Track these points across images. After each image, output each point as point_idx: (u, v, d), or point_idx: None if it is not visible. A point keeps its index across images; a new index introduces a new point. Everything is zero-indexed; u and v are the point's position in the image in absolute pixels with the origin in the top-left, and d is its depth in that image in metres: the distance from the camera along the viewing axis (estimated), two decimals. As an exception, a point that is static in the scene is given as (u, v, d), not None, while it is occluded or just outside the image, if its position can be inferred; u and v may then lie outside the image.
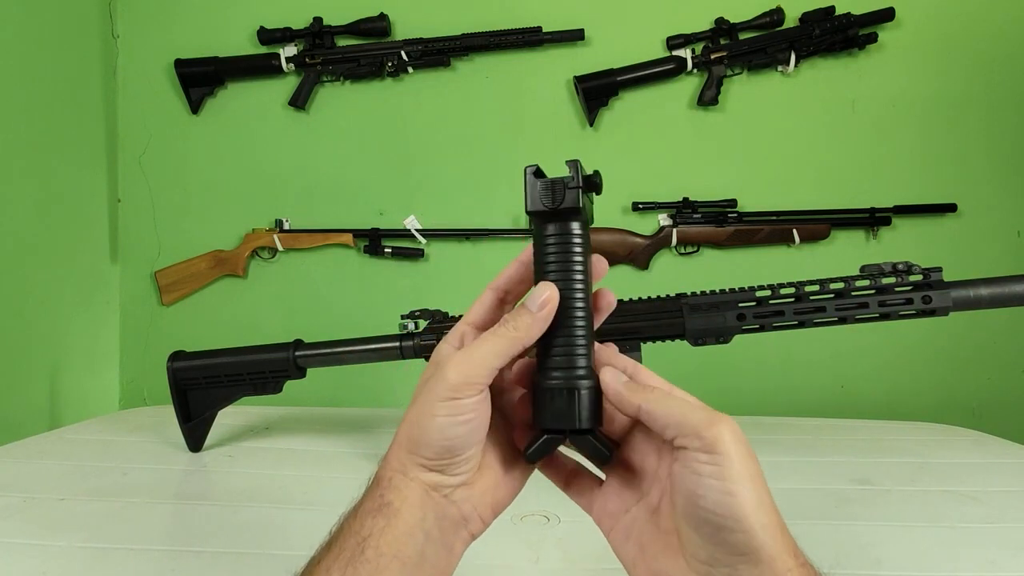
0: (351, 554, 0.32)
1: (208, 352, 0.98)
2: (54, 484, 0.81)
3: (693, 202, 1.68)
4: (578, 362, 0.37)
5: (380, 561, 0.32)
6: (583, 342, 0.37)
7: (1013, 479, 0.80)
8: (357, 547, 0.32)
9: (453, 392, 0.34)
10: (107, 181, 1.83)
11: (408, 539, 0.33)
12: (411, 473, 0.35)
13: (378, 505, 0.34)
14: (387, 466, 0.36)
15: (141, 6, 1.85)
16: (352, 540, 0.33)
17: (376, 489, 0.35)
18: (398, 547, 0.33)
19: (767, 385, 1.70)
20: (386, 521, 0.34)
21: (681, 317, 0.74)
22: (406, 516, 0.34)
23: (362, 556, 0.32)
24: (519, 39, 1.70)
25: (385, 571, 0.32)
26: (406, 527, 0.34)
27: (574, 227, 0.38)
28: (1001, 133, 1.65)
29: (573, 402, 0.36)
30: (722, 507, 0.31)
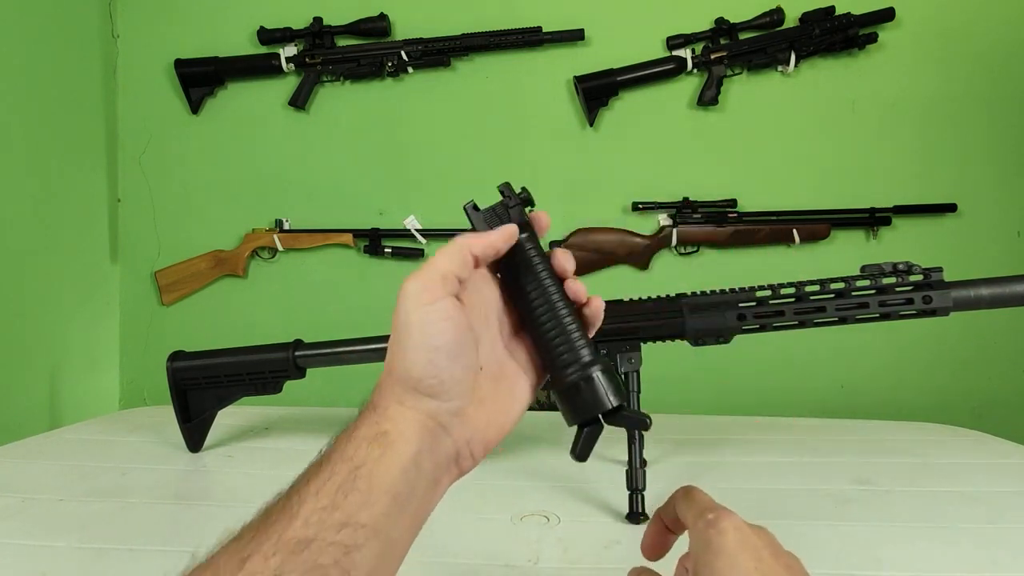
0: (342, 480, 0.32)
1: (208, 352, 0.97)
2: (54, 484, 0.81)
3: (693, 202, 1.68)
4: (581, 352, 0.38)
5: (371, 494, 0.32)
6: (577, 334, 0.39)
7: (1013, 479, 0.80)
8: (349, 475, 0.32)
9: (417, 299, 0.35)
10: (107, 181, 1.83)
11: (402, 473, 0.33)
12: (407, 401, 0.35)
13: (374, 433, 0.34)
14: (381, 395, 0.36)
15: (141, 6, 1.85)
16: (345, 466, 0.32)
17: (371, 415, 0.35)
18: (390, 479, 0.33)
19: (767, 385, 1.70)
20: (381, 451, 0.33)
21: (681, 317, 0.74)
22: (401, 448, 0.34)
23: (353, 485, 0.32)
24: (519, 39, 1.70)
25: (374, 504, 0.32)
26: (401, 460, 0.33)
27: (523, 238, 0.40)
28: (1001, 133, 1.65)
29: (592, 388, 0.37)
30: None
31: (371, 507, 0.31)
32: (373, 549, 0.31)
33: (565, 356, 0.38)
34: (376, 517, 0.31)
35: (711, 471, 0.84)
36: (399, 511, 0.33)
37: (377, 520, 0.31)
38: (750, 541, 0.36)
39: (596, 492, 0.77)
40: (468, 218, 0.40)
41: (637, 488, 0.69)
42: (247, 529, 0.31)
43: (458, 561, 0.61)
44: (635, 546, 0.63)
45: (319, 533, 0.30)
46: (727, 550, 0.34)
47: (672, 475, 0.81)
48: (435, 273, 0.36)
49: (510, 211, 0.40)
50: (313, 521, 0.30)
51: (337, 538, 0.30)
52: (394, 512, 0.32)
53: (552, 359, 0.39)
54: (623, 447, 0.71)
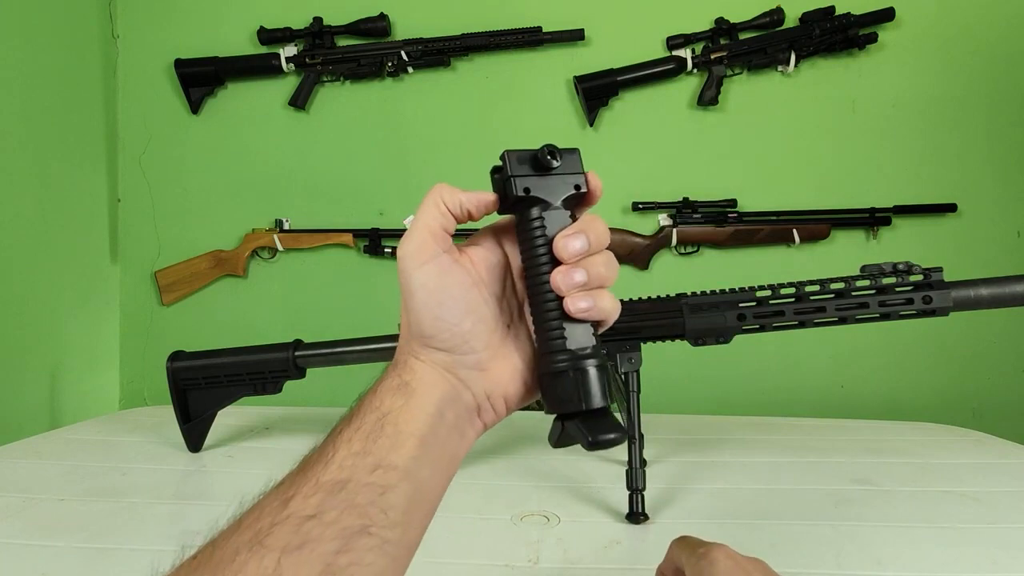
0: (371, 428, 0.34)
1: (208, 352, 0.97)
2: (54, 484, 0.81)
3: (693, 202, 1.68)
4: (581, 342, 0.36)
5: (398, 437, 0.34)
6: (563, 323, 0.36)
7: (1013, 479, 0.80)
8: (376, 423, 0.34)
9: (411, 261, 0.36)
10: (107, 181, 1.83)
11: (425, 417, 0.35)
12: (423, 356, 0.37)
13: (397, 384, 0.36)
14: (401, 352, 0.38)
15: (141, 6, 1.85)
16: (372, 416, 0.35)
17: (394, 370, 0.37)
18: (415, 425, 0.35)
19: (767, 385, 1.70)
20: (404, 400, 0.35)
21: (681, 317, 0.74)
22: (422, 396, 0.36)
23: (381, 431, 0.34)
24: (519, 39, 1.70)
25: (402, 447, 0.34)
26: (422, 406, 0.35)
27: (532, 212, 0.38)
28: (1001, 133, 1.65)
29: (582, 383, 0.35)
30: None
31: (399, 449, 0.33)
32: (405, 490, 0.33)
33: (559, 340, 0.36)
34: (405, 459, 0.33)
35: (711, 471, 0.84)
36: (425, 454, 0.34)
37: (407, 462, 0.33)
38: (743, 567, 0.37)
39: (596, 492, 0.77)
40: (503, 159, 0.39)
41: (637, 488, 0.69)
42: (288, 477, 0.33)
43: (458, 561, 0.61)
44: (635, 546, 0.63)
45: (354, 475, 0.32)
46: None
47: (672, 475, 0.81)
48: (424, 232, 0.37)
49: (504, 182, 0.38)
50: (347, 465, 0.32)
51: (371, 479, 0.32)
52: (421, 455, 0.34)
53: (546, 339, 0.36)
54: (623, 447, 0.71)
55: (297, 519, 0.30)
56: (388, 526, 0.31)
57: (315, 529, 0.29)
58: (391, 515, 0.32)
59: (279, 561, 0.28)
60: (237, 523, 0.31)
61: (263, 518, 0.30)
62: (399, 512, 0.32)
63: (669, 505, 0.73)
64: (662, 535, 0.64)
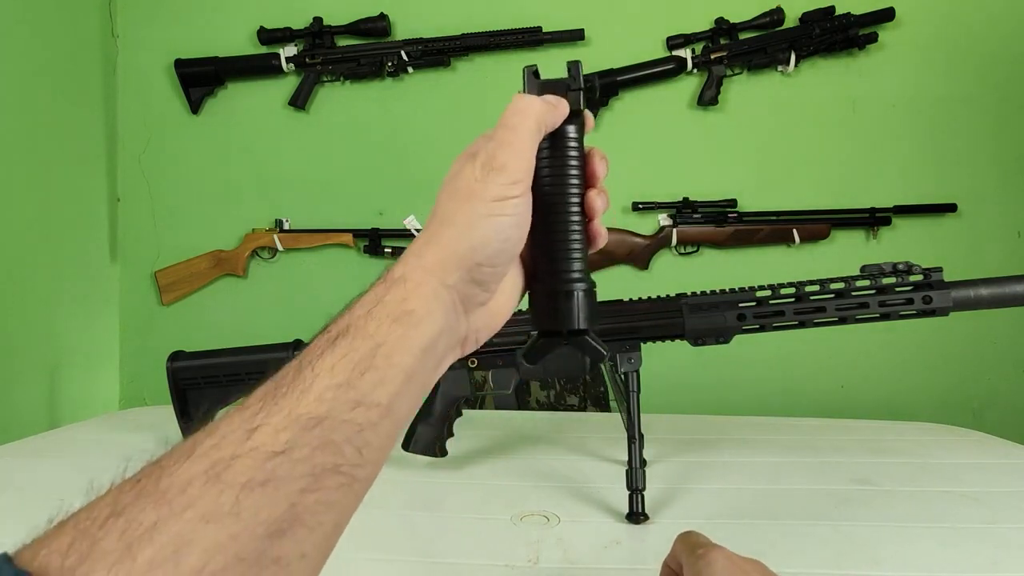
0: (360, 357, 0.31)
1: (208, 352, 0.97)
2: (53, 484, 0.81)
3: (693, 202, 1.68)
4: (574, 265, 0.37)
5: (389, 372, 0.31)
6: (578, 246, 0.37)
7: (1013, 479, 0.80)
8: (368, 353, 0.31)
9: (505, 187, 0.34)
10: (107, 181, 1.83)
11: (421, 354, 0.32)
12: (449, 279, 0.34)
13: (400, 311, 0.33)
14: (418, 268, 0.34)
15: (141, 6, 1.85)
16: (364, 344, 0.31)
17: (398, 291, 0.33)
18: (409, 361, 0.32)
19: (767, 385, 1.70)
20: (404, 331, 0.32)
21: (681, 317, 0.74)
22: (425, 329, 0.33)
23: (371, 364, 0.31)
24: (519, 39, 1.70)
25: (390, 383, 0.31)
26: (423, 342, 0.33)
27: (570, 131, 0.38)
28: (1001, 133, 1.65)
29: (571, 304, 0.37)
30: None
31: (387, 386, 0.31)
32: (384, 428, 0.30)
33: (557, 262, 0.37)
34: (390, 396, 0.31)
35: (711, 471, 0.84)
36: (409, 389, 0.32)
37: (391, 399, 0.31)
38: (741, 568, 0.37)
39: (596, 492, 0.77)
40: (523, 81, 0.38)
41: (637, 488, 0.69)
42: (254, 399, 0.29)
43: (458, 561, 0.61)
44: (635, 546, 0.63)
45: (332, 411, 0.29)
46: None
47: (672, 475, 0.81)
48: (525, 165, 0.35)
49: (568, 94, 0.38)
50: (327, 398, 0.29)
51: (350, 416, 0.29)
52: (405, 391, 0.32)
53: (544, 258, 0.37)
54: (623, 447, 0.71)
55: (263, 454, 0.26)
56: (360, 464, 0.29)
57: (283, 466, 0.26)
58: (365, 453, 0.29)
59: (238, 498, 0.25)
60: (190, 447, 0.27)
61: (223, 447, 0.26)
62: (373, 450, 0.30)
63: (669, 505, 0.73)
64: (662, 535, 0.64)
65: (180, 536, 0.23)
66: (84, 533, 0.23)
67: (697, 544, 0.41)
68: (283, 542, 0.25)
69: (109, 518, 0.24)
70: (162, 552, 0.23)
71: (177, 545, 0.23)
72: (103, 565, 0.22)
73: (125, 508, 0.24)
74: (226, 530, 0.24)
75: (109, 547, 0.23)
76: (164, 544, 0.23)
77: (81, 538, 0.23)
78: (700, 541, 0.41)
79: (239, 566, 0.24)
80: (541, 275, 0.38)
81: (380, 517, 0.69)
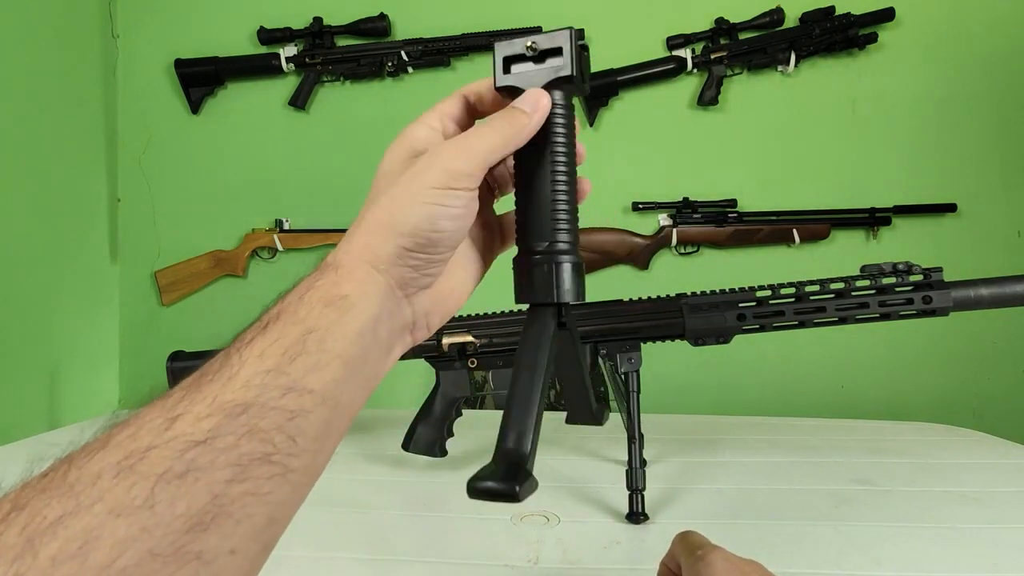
0: (290, 343, 0.29)
1: (208, 352, 0.97)
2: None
3: (693, 202, 1.68)
4: (560, 236, 0.36)
5: (322, 357, 0.29)
6: (566, 216, 0.36)
7: (1013, 479, 0.80)
8: (299, 338, 0.29)
9: (450, 180, 0.33)
10: (107, 181, 1.83)
11: (357, 339, 0.31)
12: (381, 264, 0.33)
13: (332, 295, 0.31)
14: (350, 253, 0.33)
15: (141, 6, 1.85)
16: (294, 329, 0.30)
17: (331, 276, 0.32)
18: (344, 344, 0.30)
19: (767, 385, 1.70)
20: (338, 316, 0.31)
21: (681, 317, 0.74)
22: (360, 314, 0.31)
23: (303, 348, 0.29)
24: (521, 39, 1.70)
25: (324, 369, 0.29)
26: (357, 326, 0.31)
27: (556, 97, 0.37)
28: (1001, 133, 1.65)
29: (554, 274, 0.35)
30: None
31: (320, 372, 0.29)
32: (321, 415, 0.29)
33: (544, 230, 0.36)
34: (326, 383, 0.29)
35: (711, 471, 0.84)
36: (350, 376, 0.31)
37: (326, 386, 0.29)
38: (740, 569, 0.37)
39: (596, 492, 0.77)
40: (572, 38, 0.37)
41: (637, 488, 0.69)
42: (177, 388, 0.28)
43: (458, 561, 0.61)
44: (635, 546, 0.63)
45: (260, 397, 0.27)
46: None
47: (672, 475, 0.81)
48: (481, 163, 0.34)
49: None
50: (255, 384, 0.27)
51: (281, 403, 0.27)
52: (344, 378, 0.30)
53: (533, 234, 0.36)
54: (623, 447, 0.71)
55: (182, 443, 0.25)
56: (295, 453, 0.27)
57: (204, 455, 0.25)
58: (300, 442, 0.28)
59: (152, 490, 0.23)
60: (105, 439, 0.25)
61: (140, 437, 0.25)
62: (309, 439, 0.28)
63: (669, 505, 0.73)
64: (662, 535, 0.64)
65: (88, 530, 0.22)
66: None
67: (696, 545, 0.40)
68: (206, 536, 0.24)
69: (11, 512, 0.22)
70: (67, 547, 0.22)
71: (84, 540, 0.22)
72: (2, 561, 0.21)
73: (28, 502, 0.23)
74: (138, 523, 0.23)
75: (9, 542, 0.21)
76: (69, 539, 0.22)
77: None
78: (699, 542, 0.41)
79: (153, 562, 0.22)
80: (526, 248, 0.36)
81: (380, 517, 0.69)
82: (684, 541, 0.42)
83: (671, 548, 0.43)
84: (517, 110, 0.35)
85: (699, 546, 0.40)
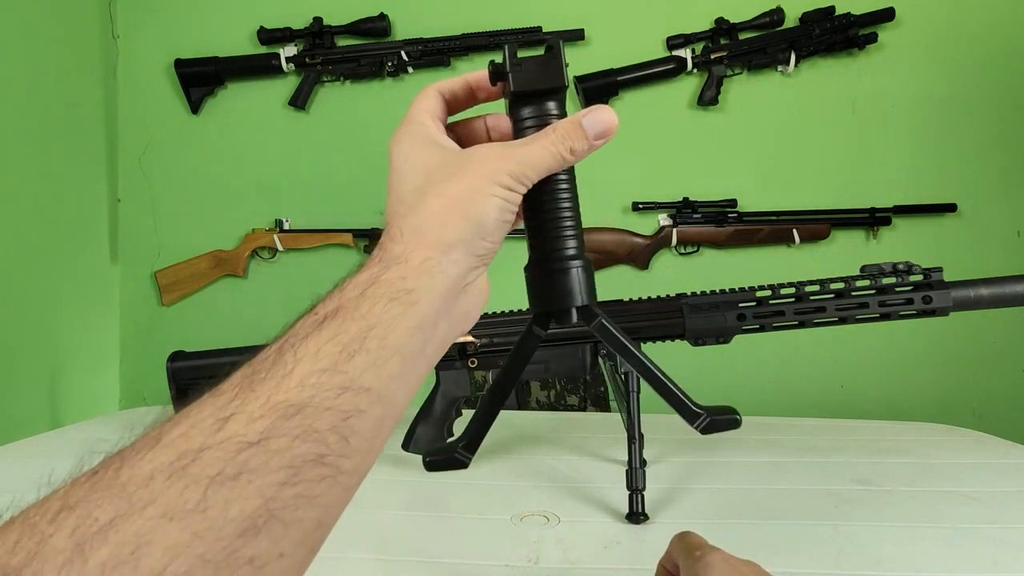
0: (349, 339, 0.28)
1: (208, 352, 0.97)
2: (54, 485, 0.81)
3: (693, 202, 1.68)
4: (567, 243, 0.38)
5: (382, 354, 0.28)
6: (571, 223, 0.38)
7: (1013, 479, 0.80)
8: (359, 335, 0.28)
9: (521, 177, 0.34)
10: (107, 181, 1.83)
11: (418, 333, 0.30)
12: (455, 255, 0.32)
13: (398, 290, 0.30)
14: (419, 244, 0.32)
15: (141, 6, 1.85)
16: (354, 326, 0.28)
17: (398, 270, 0.31)
18: (405, 341, 0.29)
19: (767, 385, 1.70)
20: (402, 310, 0.30)
21: (681, 317, 0.74)
22: (424, 309, 0.30)
23: (362, 345, 0.28)
24: (519, 39, 1.70)
25: (383, 366, 0.28)
26: (419, 321, 0.30)
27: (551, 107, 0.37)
28: (1001, 133, 1.65)
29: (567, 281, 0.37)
30: None
31: (378, 370, 0.28)
32: (375, 414, 0.28)
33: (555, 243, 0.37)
34: (383, 380, 0.28)
35: (711, 471, 0.84)
36: (406, 372, 0.30)
37: (383, 384, 0.28)
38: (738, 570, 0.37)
39: (596, 492, 0.77)
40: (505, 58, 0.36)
41: (637, 488, 0.69)
42: (229, 385, 0.27)
43: (458, 561, 0.61)
44: (635, 546, 0.63)
45: (315, 397, 0.26)
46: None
47: (672, 475, 0.81)
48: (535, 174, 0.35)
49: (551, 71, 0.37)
50: (310, 383, 0.26)
51: (336, 403, 0.27)
52: (401, 374, 0.29)
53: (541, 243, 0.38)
54: (623, 447, 0.71)
55: (235, 444, 0.24)
56: (347, 455, 0.27)
57: (257, 457, 0.24)
58: (352, 442, 0.27)
59: (205, 493, 0.23)
60: (156, 436, 0.25)
61: (192, 438, 0.24)
62: (362, 439, 0.27)
63: (669, 505, 0.73)
64: (662, 535, 0.64)
65: (139, 535, 0.21)
66: (32, 529, 0.21)
67: (694, 546, 0.40)
68: (257, 540, 0.23)
69: (61, 512, 0.22)
70: (118, 553, 0.21)
71: (135, 545, 0.21)
72: (52, 566, 0.20)
73: (79, 502, 0.22)
74: (190, 528, 0.22)
75: (59, 545, 0.21)
76: (120, 544, 0.21)
77: (29, 535, 0.21)
78: (697, 542, 0.41)
79: (205, 567, 0.22)
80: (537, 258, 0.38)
81: (380, 517, 0.69)
82: (682, 542, 0.42)
83: (669, 549, 0.43)
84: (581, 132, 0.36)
85: (697, 547, 0.40)
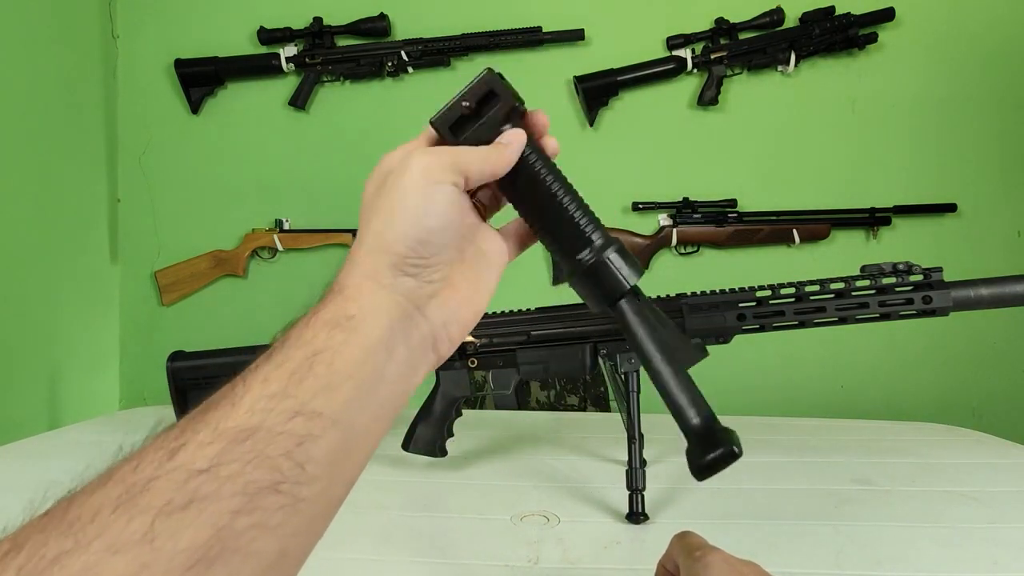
0: (296, 366, 0.28)
1: (208, 352, 0.97)
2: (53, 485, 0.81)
3: (693, 202, 1.68)
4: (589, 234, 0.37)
5: (332, 379, 0.28)
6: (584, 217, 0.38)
7: (1013, 479, 0.80)
8: (305, 361, 0.28)
9: (427, 176, 0.33)
10: (107, 181, 1.83)
11: (368, 358, 0.30)
12: (383, 279, 0.32)
13: (338, 317, 0.30)
14: (352, 272, 0.33)
15: (141, 6, 1.85)
16: (300, 352, 0.29)
17: (336, 298, 0.31)
18: (355, 366, 0.29)
19: (767, 385, 1.70)
20: (345, 336, 0.30)
21: (681, 317, 0.74)
22: (368, 331, 0.30)
23: (310, 371, 0.28)
24: (519, 39, 1.70)
25: (334, 391, 0.28)
26: (367, 344, 0.30)
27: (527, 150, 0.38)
28: (1001, 133, 1.65)
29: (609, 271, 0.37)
30: None
31: (329, 394, 0.28)
32: (332, 440, 0.27)
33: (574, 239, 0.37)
34: (336, 405, 0.28)
35: (711, 471, 0.83)
36: (364, 398, 0.29)
37: (337, 409, 0.28)
38: (738, 570, 0.37)
39: (596, 492, 0.77)
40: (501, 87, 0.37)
41: (637, 488, 0.69)
42: (183, 421, 0.27)
43: (458, 561, 0.61)
44: (635, 546, 0.63)
45: (266, 421, 0.26)
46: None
47: (672, 475, 0.81)
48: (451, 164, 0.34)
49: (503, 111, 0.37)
50: (259, 408, 0.26)
51: (288, 427, 0.26)
52: (357, 399, 0.29)
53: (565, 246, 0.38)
54: (623, 447, 0.71)
55: (184, 472, 0.24)
56: (303, 482, 0.26)
57: (207, 484, 0.23)
58: (309, 469, 0.26)
59: (152, 524, 0.22)
60: (107, 475, 0.24)
61: (141, 470, 0.24)
62: (320, 465, 0.27)
63: (669, 505, 0.73)
64: (662, 535, 0.64)
65: (85, 569, 0.21)
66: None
67: (694, 546, 0.40)
68: (212, 572, 0.23)
69: (9, 552, 0.21)
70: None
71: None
72: None
73: (26, 541, 0.22)
74: (138, 560, 0.21)
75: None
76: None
77: None
78: (696, 543, 0.41)
79: None
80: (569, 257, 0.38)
81: (380, 517, 0.69)
82: (682, 542, 0.42)
83: (669, 549, 0.43)
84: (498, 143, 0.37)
85: (697, 547, 0.40)
